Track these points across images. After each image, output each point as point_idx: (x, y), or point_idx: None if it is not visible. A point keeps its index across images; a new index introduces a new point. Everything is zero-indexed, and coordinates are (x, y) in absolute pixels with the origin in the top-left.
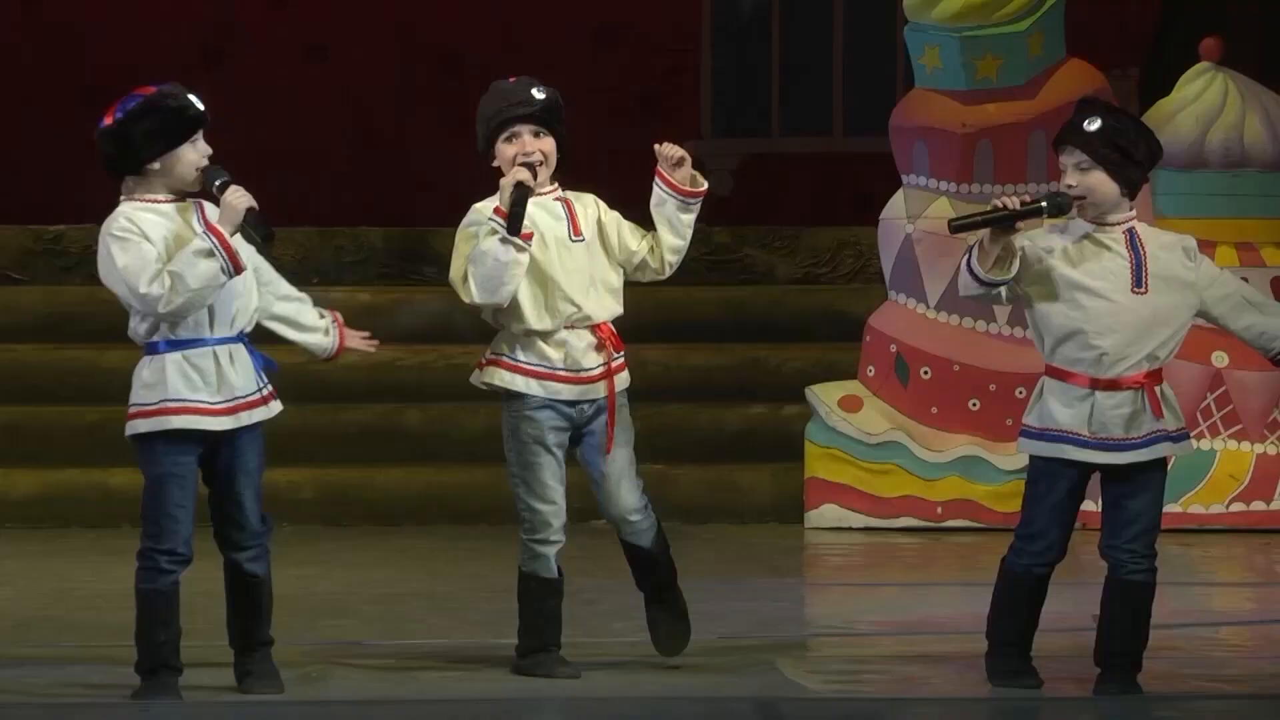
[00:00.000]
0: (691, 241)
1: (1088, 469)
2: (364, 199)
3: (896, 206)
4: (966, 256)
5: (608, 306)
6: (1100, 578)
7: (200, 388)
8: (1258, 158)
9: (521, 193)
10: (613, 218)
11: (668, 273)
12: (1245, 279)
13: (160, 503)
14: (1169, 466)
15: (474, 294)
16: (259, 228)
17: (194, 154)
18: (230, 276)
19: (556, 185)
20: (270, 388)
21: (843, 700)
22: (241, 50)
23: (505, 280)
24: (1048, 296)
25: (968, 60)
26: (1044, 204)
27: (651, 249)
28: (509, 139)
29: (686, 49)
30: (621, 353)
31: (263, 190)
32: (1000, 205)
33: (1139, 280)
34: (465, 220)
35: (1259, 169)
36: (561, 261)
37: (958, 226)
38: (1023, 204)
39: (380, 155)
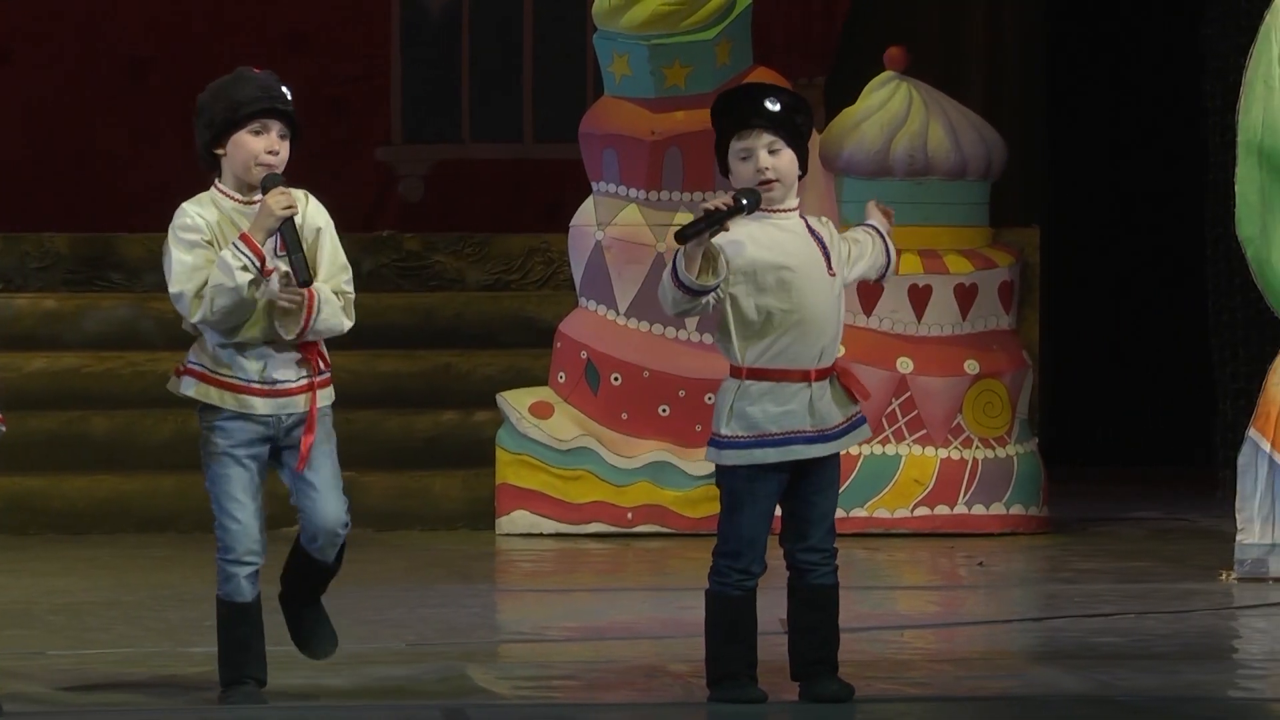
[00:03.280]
0: (382, 248)
1: (788, 465)
2: (49, 204)
3: (586, 213)
4: (671, 269)
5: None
6: (779, 582)
7: None
8: (941, 166)
9: (291, 226)
10: (318, 213)
11: None
12: (929, 285)
13: None
14: (852, 471)
15: (208, 318)
16: None
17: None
18: None
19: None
20: None
21: (532, 706)
22: None
23: (245, 316)
24: (757, 290)
25: (656, 68)
26: (745, 201)
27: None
28: (257, 131)
29: (377, 55)
30: (328, 370)
31: None
32: (713, 207)
33: (830, 265)
34: (179, 223)
35: (942, 177)
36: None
37: (684, 236)
38: (727, 205)
39: (65, 160)
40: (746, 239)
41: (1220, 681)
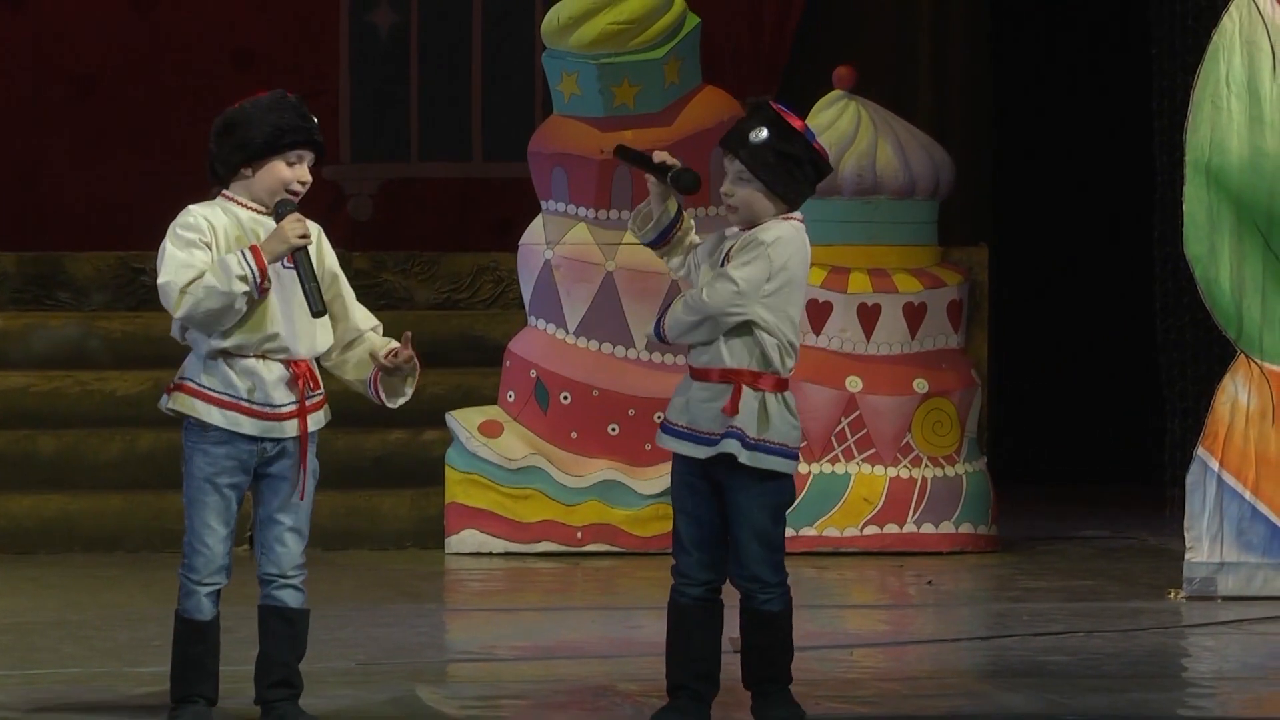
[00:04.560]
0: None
1: (700, 469)
2: None
3: (536, 232)
4: None
5: (308, 343)
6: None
7: None
8: (889, 185)
9: (306, 256)
10: (329, 253)
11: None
12: (878, 304)
13: None
14: (801, 490)
15: (191, 315)
16: None
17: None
18: None
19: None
20: None
21: None
22: None
23: (227, 322)
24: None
25: (605, 87)
26: (670, 175)
27: (345, 363)
28: (293, 161)
29: (325, 73)
30: (319, 391)
31: None
32: (656, 159)
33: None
34: (181, 221)
35: (890, 196)
36: (281, 285)
37: (621, 149)
38: (661, 163)
39: (11, 178)
40: (702, 245)
41: (1169, 700)
